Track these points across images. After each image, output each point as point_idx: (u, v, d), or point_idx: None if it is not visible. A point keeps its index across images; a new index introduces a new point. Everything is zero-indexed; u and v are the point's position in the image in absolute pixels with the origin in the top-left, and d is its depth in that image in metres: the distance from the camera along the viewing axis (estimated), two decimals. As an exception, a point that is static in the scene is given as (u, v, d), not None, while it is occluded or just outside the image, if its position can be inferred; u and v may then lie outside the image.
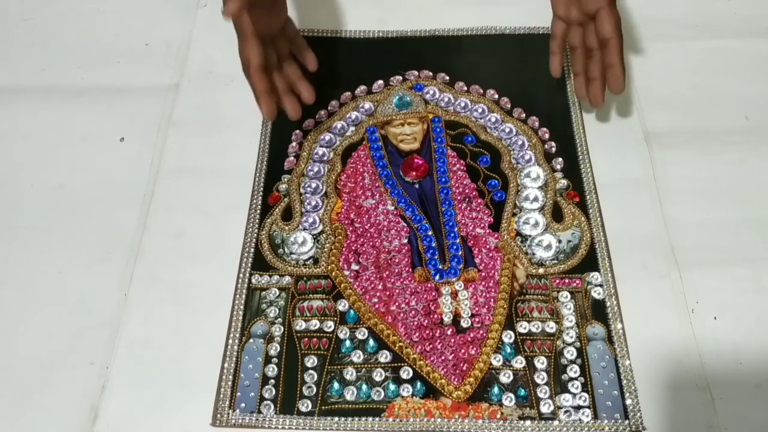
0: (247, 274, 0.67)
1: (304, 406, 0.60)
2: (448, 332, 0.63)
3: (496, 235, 0.68)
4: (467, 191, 0.72)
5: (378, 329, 0.63)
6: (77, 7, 0.89)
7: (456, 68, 0.81)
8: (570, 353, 0.62)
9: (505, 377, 0.60)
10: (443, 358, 0.62)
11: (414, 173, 0.72)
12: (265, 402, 0.60)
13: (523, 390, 0.60)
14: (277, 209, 0.71)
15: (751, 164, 0.72)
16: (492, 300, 0.64)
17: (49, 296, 0.66)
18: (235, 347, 0.63)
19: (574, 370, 0.61)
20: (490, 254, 0.67)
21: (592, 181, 0.71)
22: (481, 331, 0.63)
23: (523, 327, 0.63)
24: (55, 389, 0.61)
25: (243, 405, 0.60)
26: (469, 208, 0.70)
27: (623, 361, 0.61)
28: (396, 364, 0.62)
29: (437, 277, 0.66)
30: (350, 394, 0.60)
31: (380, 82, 0.80)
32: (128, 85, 0.81)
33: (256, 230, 0.69)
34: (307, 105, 0.70)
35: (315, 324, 0.64)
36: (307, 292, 0.66)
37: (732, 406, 0.59)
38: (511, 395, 0.60)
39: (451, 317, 0.64)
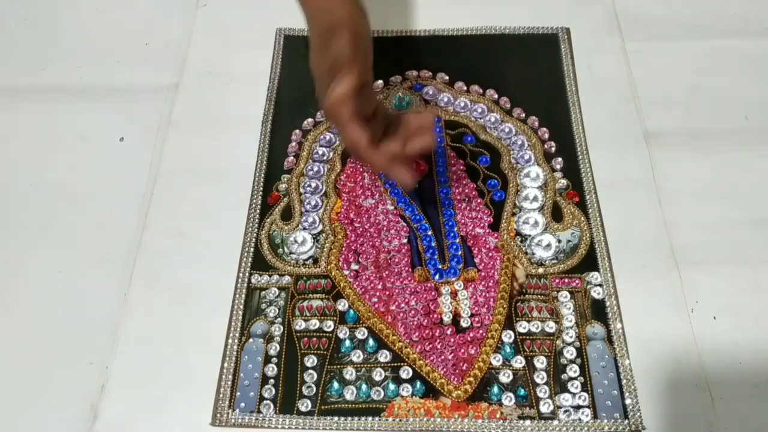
0: (247, 274, 0.67)
1: (304, 405, 0.60)
2: (448, 332, 0.63)
3: (495, 235, 0.68)
4: (467, 191, 0.72)
5: (377, 329, 0.63)
6: (77, 7, 0.89)
7: (455, 68, 0.81)
8: (569, 353, 0.62)
9: (505, 377, 0.60)
10: (443, 357, 0.62)
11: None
12: (264, 402, 0.60)
13: (522, 389, 0.60)
14: (276, 209, 0.71)
15: (751, 164, 0.72)
16: (492, 300, 0.64)
17: (49, 296, 0.66)
18: (235, 347, 0.63)
19: (573, 370, 0.61)
20: (490, 254, 0.67)
21: (592, 181, 0.71)
22: (480, 331, 0.63)
23: (522, 327, 0.63)
24: (55, 389, 0.61)
25: (243, 405, 0.60)
26: (468, 207, 0.70)
27: (623, 360, 0.61)
28: (396, 364, 0.62)
29: (437, 276, 0.66)
30: (350, 393, 0.60)
31: (379, 82, 0.80)
32: (128, 85, 0.81)
33: (256, 230, 0.69)
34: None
35: (315, 324, 0.64)
36: (306, 291, 0.66)
37: (732, 405, 0.58)
38: (511, 395, 0.60)
39: (451, 317, 0.64)
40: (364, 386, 0.61)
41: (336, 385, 0.61)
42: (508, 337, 0.62)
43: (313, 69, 0.60)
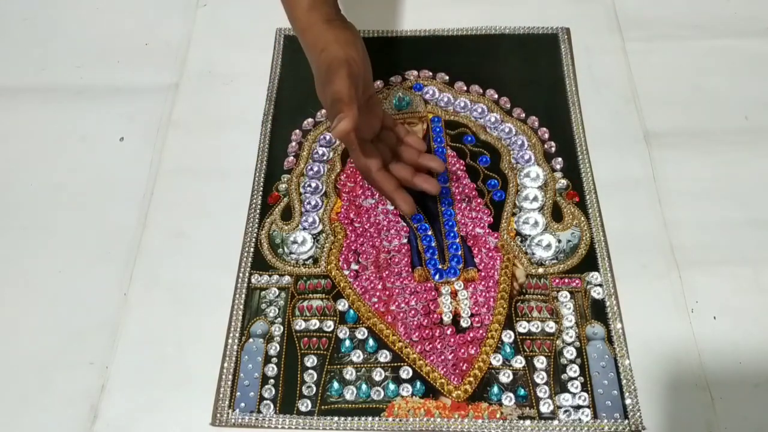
0: (247, 274, 0.67)
1: (304, 405, 0.60)
2: (448, 332, 0.63)
3: (495, 235, 0.68)
4: (467, 191, 0.72)
5: (377, 329, 0.63)
6: (77, 7, 0.89)
7: (455, 68, 0.81)
8: (569, 353, 0.62)
9: (505, 377, 0.60)
10: (443, 357, 0.62)
11: (414, 173, 0.72)
12: (264, 402, 0.60)
13: (522, 389, 0.60)
14: (276, 209, 0.71)
15: (751, 164, 0.72)
16: (492, 300, 0.64)
17: (49, 296, 0.66)
18: (235, 347, 0.63)
19: (573, 370, 0.61)
20: (490, 254, 0.67)
21: (592, 181, 0.71)
22: (480, 331, 0.63)
23: (522, 327, 0.63)
24: (55, 389, 0.61)
25: (243, 405, 0.60)
26: (468, 207, 0.70)
27: (623, 360, 0.61)
28: (396, 364, 0.62)
29: (437, 276, 0.66)
30: (350, 393, 0.60)
31: (379, 82, 0.80)
32: (128, 85, 0.81)
33: (256, 230, 0.69)
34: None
35: (314, 324, 0.64)
36: (306, 291, 0.66)
37: (732, 405, 0.58)
38: (511, 395, 0.60)
39: (451, 317, 0.64)
40: (364, 386, 0.61)
41: (336, 385, 0.61)
42: (508, 337, 0.62)
43: (318, 96, 0.63)
